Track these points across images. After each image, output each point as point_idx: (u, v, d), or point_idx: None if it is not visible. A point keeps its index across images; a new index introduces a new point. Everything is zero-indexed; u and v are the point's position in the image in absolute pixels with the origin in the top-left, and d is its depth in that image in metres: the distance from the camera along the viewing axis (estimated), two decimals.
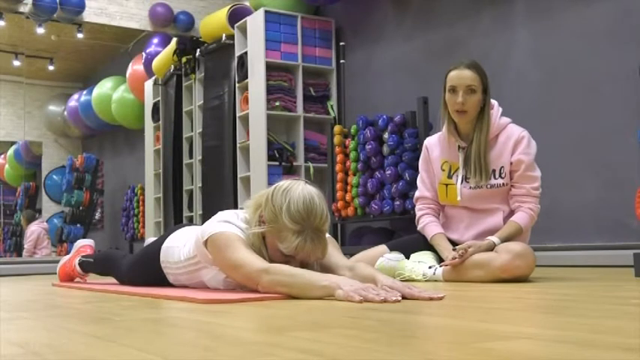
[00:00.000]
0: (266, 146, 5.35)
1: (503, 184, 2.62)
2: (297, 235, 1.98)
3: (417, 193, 2.87)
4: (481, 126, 2.63)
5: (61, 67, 9.10)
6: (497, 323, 1.27)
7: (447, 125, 2.72)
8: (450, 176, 2.72)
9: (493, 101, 2.69)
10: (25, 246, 8.19)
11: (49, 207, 9.37)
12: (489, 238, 2.54)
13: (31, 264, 6.20)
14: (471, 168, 2.65)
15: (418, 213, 2.84)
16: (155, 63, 7.07)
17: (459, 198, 2.67)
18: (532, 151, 2.62)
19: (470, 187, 2.66)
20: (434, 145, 2.81)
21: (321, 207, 2.02)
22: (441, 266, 2.59)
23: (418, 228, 2.82)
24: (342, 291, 1.73)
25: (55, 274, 3.43)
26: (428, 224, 2.77)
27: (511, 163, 2.61)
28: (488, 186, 2.63)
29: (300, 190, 2.02)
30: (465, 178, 2.68)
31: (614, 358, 0.86)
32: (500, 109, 2.69)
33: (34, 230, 8.25)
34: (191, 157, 6.74)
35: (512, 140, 2.62)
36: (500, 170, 2.63)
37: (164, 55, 6.88)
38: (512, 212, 2.64)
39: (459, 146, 2.70)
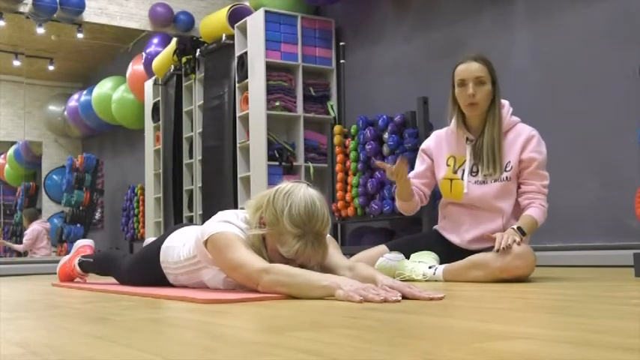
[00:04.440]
0: (266, 146, 5.35)
1: (507, 177, 2.62)
2: (298, 239, 1.98)
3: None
4: (492, 119, 2.63)
5: (61, 67, 9.10)
6: (497, 323, 1.27)
7: (455, 119, 2.71)
8: (455, 171, 2.72)
9: (504, 101, 2.70)
10: (25, 241, 8.16)
11: (49, 207, 9.37)
12: (512, 227, 2.49)
13: (31, 264, 6.20)
14: (483, 160, 2.64)
15: None
16: (155, 63, 7.07)
17: (465, 191, 2.66)
18: (543, 150, 2.63)
19: (476, 182, 2.66)
20: (439, 140, 2.79)
21: (323, 211, 2.01)
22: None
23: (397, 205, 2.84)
24: (342, 291, 1.73)
25: (55, 274, 3.43)
26: None
27: (520, 162, 2.61)
28: (493, 180, 2.63)
29: (302, 193, 2.02)
30: (471, 172, 2.68)
31: (614, 358, 0.86)
32: (511, 109, 2.70)
33: (35, 229, 8.24)
34: (191, 157, 6.74)
35: (522, 138, 2.62)
36: (507, 166, 2.63)
37: (164, 55, 6.88)
38: (511, 219, 2.64)
39: (467, 139, 2.70)
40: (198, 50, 6.45)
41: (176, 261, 2.39)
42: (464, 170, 2.69)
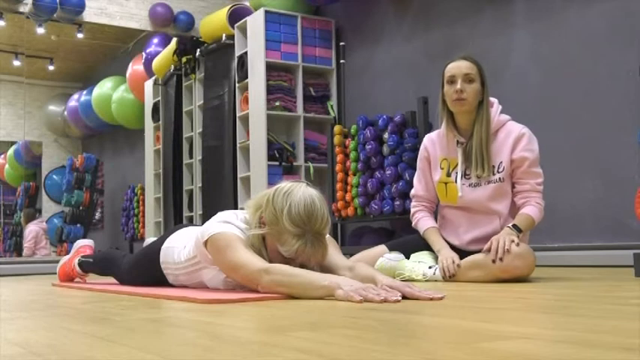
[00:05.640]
0: (266, 146, 5.35)
1: (500, 178, 2.61)
2: (298, 238, 1.98)
3: (412, 191, 2.89)
4: (481, 119, 2.63)
5: (61, 67, 9.10)
6: (498, 323, 1.27)
7: (445, 122, 2.71)
8: (448, 174, 2.72)
9: (493, 99, 2.70)
10: (26, 244, 8.18)
11: (49, 207, 9.36)
12: (508, 225, 2.52)
13: (31, 264, 6.19)
14: (472, 162, 2.64)
15: (412, 210, 2.87)
16: (155, 63, 7.07)
17: (459, 194, 2.66)
18: (535, 147, 2.62)
19: (469, 185, 2.66)
20: (433, 142, 2.80)
21: (322, 210, 2.01)
22: (439, 271, 2.59)
23: (412, 224, 2.85)
24: (342, 291, 1.73)
25: (55, 274, 3.43)
26: (421, 219, 2.80)
27: (512, 161, 2.61)
28: (487, 182, 2.63)
29: (301, 192, 2.02)
30: (464, 174, 2.68)
31: (614, 358, 0.86)
32: (500, 107, 2.69)
33: (32, 230, 8.24)
34: (191, 157, 6.74)
35: (512, 137, 2.62)
36: (499, 166, 2.62)
37: (164, 55, 6.88)
38: (508, 219, 2.63)
39: (457, 141, 2.69)
40: (198, 50, 6.45)
41: (176, 262, 2.39)
42: (457, 173, 2.69)
